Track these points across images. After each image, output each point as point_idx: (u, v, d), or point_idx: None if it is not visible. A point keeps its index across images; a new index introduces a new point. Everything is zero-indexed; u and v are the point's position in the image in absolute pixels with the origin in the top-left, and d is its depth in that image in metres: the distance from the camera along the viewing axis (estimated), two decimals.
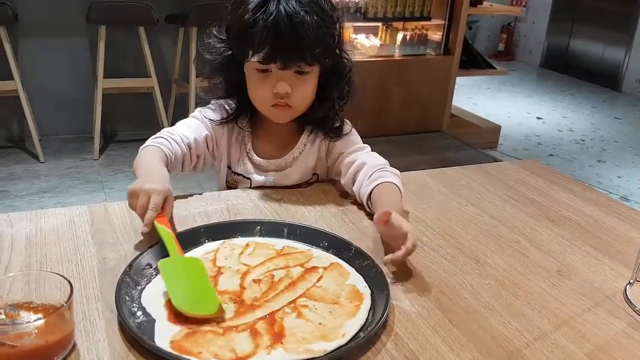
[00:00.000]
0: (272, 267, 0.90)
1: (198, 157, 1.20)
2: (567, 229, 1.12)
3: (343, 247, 0.96)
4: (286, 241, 0.98)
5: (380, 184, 1.09)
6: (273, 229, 1.00)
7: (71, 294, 0.69)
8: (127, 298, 0.79)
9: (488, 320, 0.82)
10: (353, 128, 1.25)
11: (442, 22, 3.99)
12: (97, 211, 1.06)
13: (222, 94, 1.22)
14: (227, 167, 1.26)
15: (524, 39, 7.15)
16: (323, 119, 1.20)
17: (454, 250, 1.01)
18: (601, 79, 6.11)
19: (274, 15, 1.04)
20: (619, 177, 3.82)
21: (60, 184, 3.11)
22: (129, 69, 3.59)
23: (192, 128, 1.20)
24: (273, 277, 0.87)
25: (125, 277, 0.82)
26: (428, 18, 3.99)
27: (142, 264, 0.87)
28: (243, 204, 1.13)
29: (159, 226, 0.93)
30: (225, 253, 0.93)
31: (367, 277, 0.89)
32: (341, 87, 1.18)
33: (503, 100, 5.47)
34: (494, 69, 4.44)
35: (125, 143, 3.66)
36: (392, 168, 1.16)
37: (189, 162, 1.18)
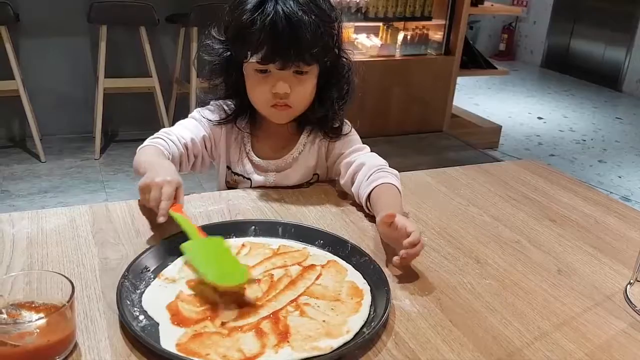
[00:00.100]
0: (270, 267, 0.90)
1: (196, 157, 1.20)
2: (567, 229, 1.12)
3: (339, 245, 0.96)
4: (281, 240, 0.98)
5: (379, 185, 1.09)
6: (267, 229, 1.00)
7: (72, 293, 0.69)
8: (128, 302, 0.79)
9: (488, 320, 0.82)
10: (353, 128, 1.25)
11: (443, 22, 3.99)
12: (98, 211, 1.06)
13: (222, 95, 1.22)
14: (227, 167, 1.27)
15: (525, 39, 7.15)
16: (322, 119, 1.20)
17: (455, 250, 1.01)
18: (602, 79, 6.11)
19: (271, 15, 1.03)
20: (619, 177, 3.82)
21: (61, 183, 3.11)
22: (130, 68, 3.59)
23: (189, 128, 1.20)
24: (272, 276, 0.87)
25: (124, 281, 0.82)
26: (429, 18, 3.99)
27: (140, 268, 0.86)
28: (244, 204, 1.13)
29: (174, 214, 0.95)
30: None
31: (364, 274, 0.89)
32: (340, 87, 1.18)
33: (504, 100, 5.47)
34: (495, 69, 4.44)
35: (126, 143, 3.67)
36: (391, 169, 1.15)
37: (186, 162, 1.18)
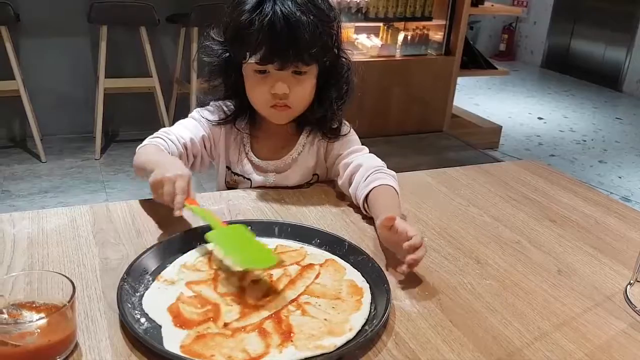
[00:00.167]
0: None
1: (195, 156, 1.20)
2: (567, 229, 1.12)
3: (336, 244, 0.96)
4: (278, 240, 0.98)
5: (377, 186, 1.08)
6: (264, 229, 0.99)
7: (73, 293, 0.69)
8: (129, 305, 0.78)
9: (489, 320, 0.82)
10: (352, 129, 1.25)
11: (443, 22, 3.99)
12: (98, 211, 1.06)
13: (221, 96, 1.22)
14: (227, 167, 1.27)
15: (525, 39, 7.15)
16: (321, 119, 1.19)
17: (455, 251, 1.01)
18: (602, 80, 6.11)
19: (269, 16, 1.03)
20: (619, 177, 3.82)
21: (61, 183, 3.12)
22: (130, 68, 3.59)
23: (188, 128, 1.20)
24: (271, 276, 0.87)
25: (123, 284, 0.81)
26: (429, 18, 3.99)
27: (139, 271, 0.86)
28: (244, 204, 1.13)
29: (192, 207, 0.97)
30: (220, 255, 0.93)
31: (363, 272, 0.89)
32: (340, 87, 1.18)
33: (504, 100, 5.47)
34: (495, 69, 4.44)
35: (126, 143, 3.67)
36: (388, 170, 1.15)
37: (185, 161, 1.18)
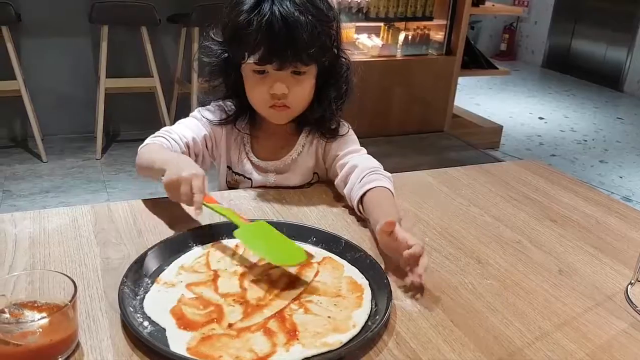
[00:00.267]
0: (267, 266, 0.90)
1: (197, 156, 1.20)
2: (568, 229, 1.12)
3: (332, 241, 0.96)
4: None
5: (372, 188, 1.07)
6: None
7: (75, 293, 0.69)
8: (131, 309, 0.78)
9: (489, 320, 0.82)
10: (351, 130, 1.24)
11: (444, 22, 3.99)
12: (100, 211, 1.06)
13: (222, 96, 1.22)
14: (227, 167, 1.27)
15: (526, 39, 7.15)
16: (320, 119, 1.19)
17: (456, 250, 1.01)
18: (603, 79, 6.10)
19: (267, 16, 1.03)
20: (620, 177, 3.82)
21: (62, 183, 3.12)
22: (131, 68, 3.59)
23: (190, 127, 1.20)
24: (270, 275, 0.88)
25: (123, 287, 0.80)
26: (430, 18, 3.99)
27: (137, 274, 0.85)
28: (245, 204, 1.13)
29: (212, 205, 0.98)
30: (217, 256, 0.92)
31: (361, 269, 0.90)
32: (339, 87, 1.17)
33: (505, 100, 5.46)
34: (496, 69, 4.44)
35: (127, 143, 3.67)
36: (384, 171, 1.13)
37: None
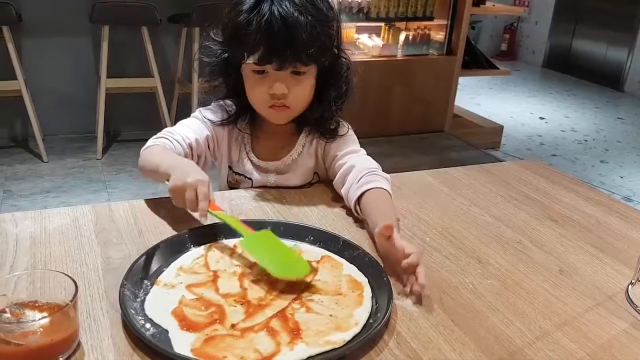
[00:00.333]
0: None
1: (199, 157, 1.20)
2: (569, 229, 1.12)
3: (330, 240, 0.96)
4: None
5: (370, 189, 1.07)
6: (257, 227, 0.98)
7: (76, 292, 0.70)
8: (132, 311, 0.77)
9: (490, 319, 0.82)
10: (351, 130, 1.24)
11: (444, 22, 3.99)
12: (101, 211, 1.06)
13: (222, 96, 1.22)
14: (228, 167, 1.27)
15: (526, 39, 7.14)
16: (320, 119, 1.19)
17: (456, 250, 1.01)
18: (604, 80, 6.10)
19: (267, 16, 1.03)
20: (621, 177, 3.82)
21: (63, 183, 3.12)
22: (132, 68, 3.59)
23: (192, 128, 1.20)
24: (270, 275, 0.87)
25: (124, 290, 0.80)
26: (431, 18, 3.99)
27: (137, 276, 0.85)
28: (246, 204, 1.13)
29: (216, 212, 0.97)
30: (215, 256, 0.92)
31: (360, 267, 0.90)
32: (339, 87, 1.17)
33: (506, 100, 5.46)
34: (497, 69, 4.44)
35: (128, 143, 3.67)
36: (382, 172, 1.13)
37: None
